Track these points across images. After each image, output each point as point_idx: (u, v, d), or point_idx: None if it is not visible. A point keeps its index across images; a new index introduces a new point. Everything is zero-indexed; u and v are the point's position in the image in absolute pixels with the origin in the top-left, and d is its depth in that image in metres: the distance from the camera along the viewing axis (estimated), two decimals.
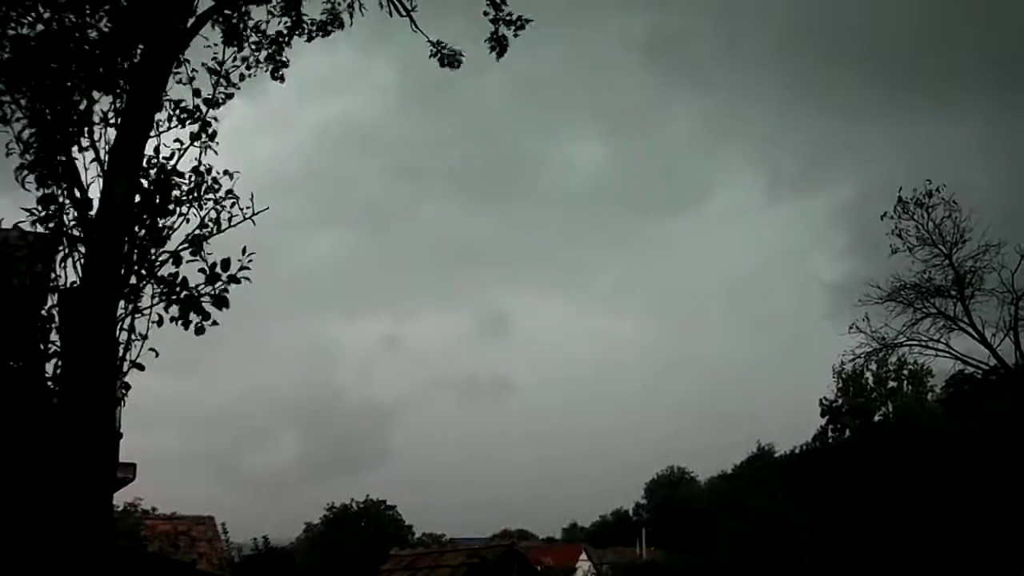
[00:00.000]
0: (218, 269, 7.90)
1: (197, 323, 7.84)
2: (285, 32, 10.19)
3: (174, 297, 7.93)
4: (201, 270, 7.97)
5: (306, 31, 10.43)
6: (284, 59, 10.23)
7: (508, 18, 10.85)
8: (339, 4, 10.65)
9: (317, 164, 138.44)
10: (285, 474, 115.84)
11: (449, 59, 11.13)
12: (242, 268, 7.92)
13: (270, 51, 10.08)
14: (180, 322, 7.88)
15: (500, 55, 10.96)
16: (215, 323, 7.87)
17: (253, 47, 9.91)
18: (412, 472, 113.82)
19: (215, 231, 8.39)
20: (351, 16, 10.60)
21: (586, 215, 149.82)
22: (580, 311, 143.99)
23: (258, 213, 8.49)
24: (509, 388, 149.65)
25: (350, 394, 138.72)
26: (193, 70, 9.06)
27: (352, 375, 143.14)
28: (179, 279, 8.00)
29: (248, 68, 9.82)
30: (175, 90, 8.88)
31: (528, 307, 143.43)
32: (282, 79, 10.25)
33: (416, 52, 10.97)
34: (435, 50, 11.10)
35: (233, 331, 7.93)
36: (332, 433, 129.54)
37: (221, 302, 7.84)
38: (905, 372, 48.53)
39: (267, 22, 10.02)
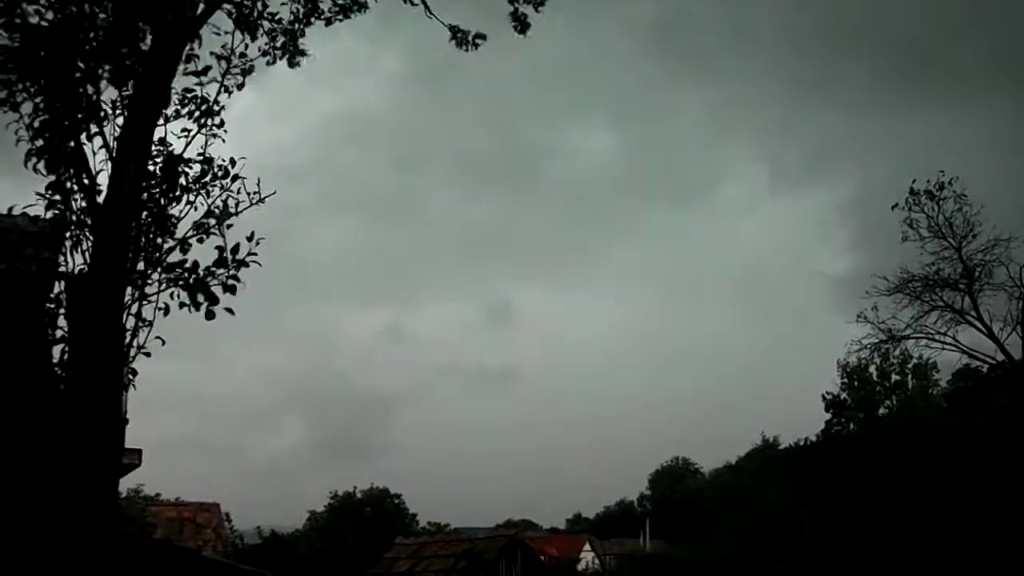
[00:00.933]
0: (227, 254, 7.92)
1: (207, 307, 7.84)
2: (301, 17, 10.09)
3: (181, 283, 7.94)
4: (218, 247, 7.99)
5: (324, 17, 10.31)
6: (301, 48, 10.16)
7: None
8: None
9: (323, 152, 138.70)
10: (290, 462, 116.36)
11: (468, 40, 11.08)
12: (250, 253, 7.93)
13: (285, 39, 10.01)
14: (190, 306, 7.88)
15: (522, 32, 10.97)
16: (230, 310, 7.87)
17: (268, 36, 9.85)
18: (417, 461, 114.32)
19: (223, 218, 8.37)
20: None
21: (592, 204, 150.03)
22: (585, 301, 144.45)
23: (266, 198, 8.48)
24: (514, 378, 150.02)
25: (355, 382, 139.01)
26: (207, 64, 9.05)
27: (357, 363, 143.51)
28: (188, 264, 8.01)
29: (265, 56, 9.79)
30: (184, 80, 8.88)
31: (533, 296, 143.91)
32: (303, 64, 10.21)
33: (422, 40, 10.97)
34: (453, 35, 11.07)
35: (239, 319, 7.96)
36: (337, 421, 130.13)
37: (232, 286, 7.84)
38: (909, 367, 48.36)
39: (275, 7, 9.95)
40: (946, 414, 41.22)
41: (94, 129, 8.31)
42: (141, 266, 8.07)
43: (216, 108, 8.93)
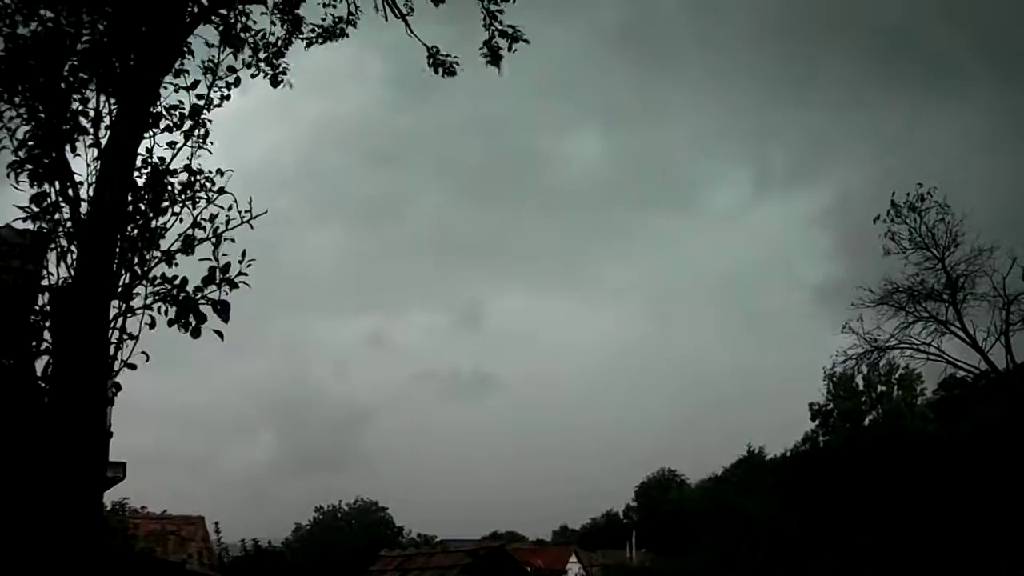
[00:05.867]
0: (217, 273, 7.88)
1: (193, 326, 7.81)
2: (282, 37, 10.10)
3: (170, 299, 7.89)
4: (210, 268, 7.94)
5: (305, 38, 10.36)
6: (282, 64, 10.14)
7: (505, 31, 10.87)
8: (340, 10, 10.57)
9: (304, 159, 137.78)
10: (275, 474, 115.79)
11: (445, 67, 11.07)
12: (240, 273, 7.90)
13: (267, 56, 10.01)
14: (179, 325, 7.84)
15: (494, 63, 10.97)
16: (219, 334, 7.82)
17: (252, 49, 9.85)
18: (402, 473, 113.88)
19: (210, 233, 8.32)
20: (353, 24, 10.56)
21: (576, 211, 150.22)
22: (571, 309, 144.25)
23: (256, 216, 8.42)
24: (500, 388, 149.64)
25: (338, 393, 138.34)
26: (196, 80, 9.04)
27: (340, 373, 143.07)
28: (176, 281, 7.97)
29: (248, 68, 9.78)
30: (173, 95, 8.86)
31: (519, 304, 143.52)
32: (287, 84, 10.16)
33: (408, 48, 10.95)
34: (430, 57, 11.05)
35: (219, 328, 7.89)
36: (320, 432, 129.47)
37: (224, 312, 7.80)
38: (896, 378, 48.61)
39: (262, 23, 9.96)
40: (928, 424, 41.50)
41: (79, 140, 8.29)
42: (127, 279, 8.03)
43: (203, 119, 8.93)
